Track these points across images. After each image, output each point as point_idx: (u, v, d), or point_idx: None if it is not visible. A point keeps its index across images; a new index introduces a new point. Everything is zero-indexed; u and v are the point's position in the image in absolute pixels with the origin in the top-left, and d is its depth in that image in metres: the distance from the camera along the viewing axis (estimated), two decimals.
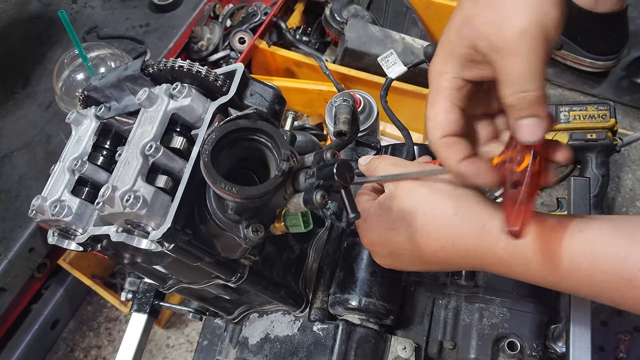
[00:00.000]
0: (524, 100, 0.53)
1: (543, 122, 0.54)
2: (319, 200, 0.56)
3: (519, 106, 0.53)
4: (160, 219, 0.60)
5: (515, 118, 0.54)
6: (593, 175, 1.42)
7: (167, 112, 0.65)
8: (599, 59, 1.67)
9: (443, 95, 0.61)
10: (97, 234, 0.67)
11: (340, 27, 1.74)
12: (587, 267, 0.58)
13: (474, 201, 0.66)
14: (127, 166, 0.62)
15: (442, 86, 0.61)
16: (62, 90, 1.45)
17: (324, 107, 1.43)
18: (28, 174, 1.58)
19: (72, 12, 1.92)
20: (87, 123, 0.75)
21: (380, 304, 0.80)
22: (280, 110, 0.69)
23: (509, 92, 0.53)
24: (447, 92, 0.61)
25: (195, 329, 1.65)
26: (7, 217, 1.51)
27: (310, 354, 0.80)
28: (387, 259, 0.73)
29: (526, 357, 0.81)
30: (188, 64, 0.66)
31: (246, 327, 0.92)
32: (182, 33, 1.78)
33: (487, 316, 0.84)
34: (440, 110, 0.61)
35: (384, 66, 1.19)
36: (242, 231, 0.63)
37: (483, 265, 0.66)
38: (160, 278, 0.84)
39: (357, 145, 1.02)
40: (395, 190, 0.69)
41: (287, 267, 0.84)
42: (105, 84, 0.72)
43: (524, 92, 0.52)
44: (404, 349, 0.80)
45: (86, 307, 1.76)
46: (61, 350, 1.71)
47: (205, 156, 0.57)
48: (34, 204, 0.69)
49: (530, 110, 0.53)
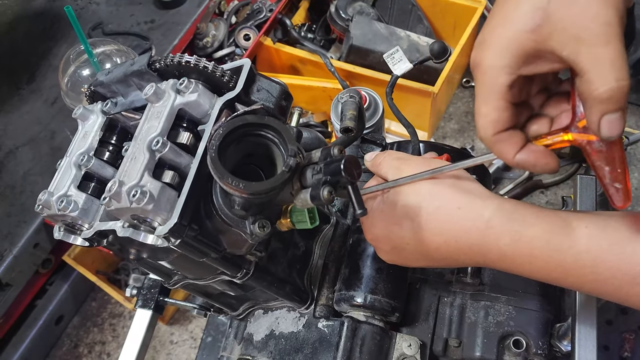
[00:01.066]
0: (618, 90, 0.50)
1: (625, 115, 0.52)
2: (326, 196, 0.55)
3: (612, 98, 0.51)
4: (166, 214, 0.60)
5: (602, 112, 0.52)
6: None
7: (173, 108, 0.65)
8: None
9: (498, 92, 0.58)
10: (103, 229, 0.67)
11: (345, 25, 1.74)
12: (592, 263, 0.58)
13: (478, 196, 0.66)
14: (134, 161, 0.62)
15: (498, 82, 0.58)
16: (67, 86, 1.45)
17: (328, 104, 1.43)
18: (33, 170, 1.58)
19: (77, 8, 1.93)
20: (94, 118, 0.75)
21: (385, 301, 0.80)
22: (287, 106, 0.69)
23: (601, 82, 0.51)
24: (503, 89, 0.58)
25: (199, 325, 1.65)
26: (12, 212, 1.51)
27: (315, 350, 0.80)
28: (390, 254, 0.73)
29: (532, 356, 0.81)
30: (195, 59, 0.66)
31: (251, 323, 0.92)
32: (187, 30, 1.78)
33: (492, 314, 0.84)
34: (494, 108, 0.59)
35: (390, 63, 1.19)
36: (249, 227, 0.63)
37: (487, 262, 0.66)
38: (165, 274, 0.84)
39: (363, 142, 1.01)
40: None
41: (292, 264, 0.84)
42: (111, 79, 0.72)
43: (618, 81, 0.50)
44: (409, 346, 0.80)
45: (90, 302, 1.76)
46: (65, 345, 1.71)
47: (213, 151, 0.57)
48: (41, 198, 0.69)
49: (620, 103, 0.51)
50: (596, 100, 0.51)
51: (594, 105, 0.52)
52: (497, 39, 0.57)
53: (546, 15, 0.54)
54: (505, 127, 0.59)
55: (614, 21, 0.51)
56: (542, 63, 0.57)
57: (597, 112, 0.52)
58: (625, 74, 0.50)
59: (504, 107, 0.58)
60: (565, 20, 0.53)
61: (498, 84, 0.58)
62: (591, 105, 0.52)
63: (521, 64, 0.57)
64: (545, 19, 0.54)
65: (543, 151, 0.59)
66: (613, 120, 0.51)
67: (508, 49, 0.56)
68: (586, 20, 0.51)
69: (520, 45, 0.56)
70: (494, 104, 0.58)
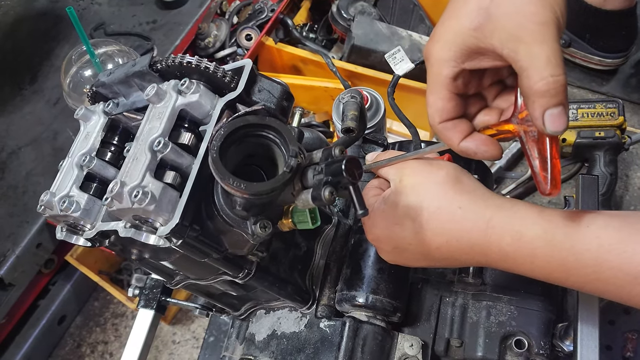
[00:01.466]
0: (554, 84, 0.53)
1: (567, 110, 0.55)
2: (327, 196, 0.56)
3: (549, 92, 0.53)
4: (168, 214, 0.60)
5: (544, 108, 0.54)
6: (601, 173, 1.42)
7: (175, 108, 0.65)
8: (608, 57, 1.66)
9: (443, 83, 0.62)
10: (105, 230, 0.67)
11: (347, 24, 1.73)
12: (594, 263, 0.58)
13: (479, 196, 0.66)
14: (136, 162, 0.62)
15: (443, 74, 0.62)
16: (69, 87, 1.46)
17: (330, 104, 1.43)
18: (35, 170, 1.58)
19: (79, 8, 1.93)
20: (96, 119, 0.75)
21: (387, 301, 0.80)
22: (288, 107, 0.69)
23: (538, 77, 0.53)
24: (447, 80, 0.62)
25: (201, 325, 1.65)
26: (14, 212, 1.51)
27: (317, 350, 0.80)
28: (391, 255, 0.73)
29: (534, 356, 0.81)
30: (196, 60, 0.66)
31: (253, 323, 0.92)
32: (188, 30, 1.78)
33: (494, 314, 0.84)
34: (439, 97, 0.63)
35: (392, 63, 1.19)
36: (250, 227, 0.63)
37: (489, 262, 0.66)
38: (167, 274, 0.84)
39: (364, 142, 1.02)
40: (400, 185, 0.70)
41: (293, 264, 0.84)
42: (113, 80, 0.72)
43: (553, 76, 0.53)
44: (410, 346, 0.80)
45: (93, 302, 1.76)
46: (68, 345, 1.71)
47: (214, 152, 0.57)
48: (43, 199, 0.69)
49: (558, 97, 0.53)
50: (536, 95, 0.54)
51: (535, 101, 0.54)
52: (444, 34, 0.61)
53: (487, 14, 0.57)
54: (450, 116, 0.64)
55: (550, 21, 0.54)
56: (485, 59, 0.60)
57: (539, 107, 0.54)
58: (561, 70, 0.53)
59: (449, 98, 0.63)
60: (505, 20, 0.56)
61: (443, 75, 0.62)
62: (533, 101, 0.54)
63: (465, 58, 0.61)
64: (487, 18, 0.57)
65: (485, 139, 0.63)
66: (555, 115, 0.54)
67: (453, 43, 0.60)
68: (523, 20, 0.55)
69: (463, 41, 0.60)
70: (439, 94, 0.63)
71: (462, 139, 0.64)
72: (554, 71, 0.53)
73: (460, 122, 0.64)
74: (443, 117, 0.64)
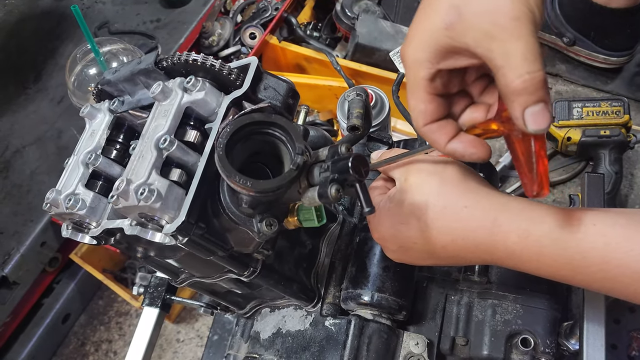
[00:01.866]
0: (532, 81, 0.51)
1: (549, 107, 0.52)
2: (333, 194, 0.55)
3: (527, 89, 0.51)
4: (174, 212, 0.60)
5: (523, 106, 0.52)
6: (606, 172, 1.41)
7: (181, 106, 0.65)
8: (613, 55, 1.66)
9: (420, 85, 0.60)
10: (110, 227, 0.67)
11: (351, 23, 1.73)
12: (600, 261, 0.58)
13: (485, 194, 0.66)
14: (142, 159, 0.62)
15: (419, 76, 0.60)
16: (74, 85, 1.46)
17: (334, 103, 1.42)
18: (40, 169, 1.58)
19: (83, 7, 1.93)
20: (101, 117, 0.75)
21: (392, 299, 0.79)
22: (294, 104, 0.69)
23: (514, 75, 0.51)
24: (424, 82, 0.60)
25: (205, 324, 1.65)
26: (19, 211, 1.52)
27: (322, 348, 0.80)
28: (397, 253, 0.73)
29: (539, 354, 0.81)
30: (202, 57, 0.66)
31: (258, 321, 0.92)
32: (192, 28, 1.78)
33: (500, 312, 0.83)
34: (420, 100, 0.61)
35: (396, 61, 1.18)
36: (256, 225, 0.63)
37: (494, 260, 0.66)
38: (172, 272, 0.84)
39: (369, 140, 1.01)
40: (406, 183, 0.69)
41: (299, 262, 0.84)
42: (118, 77, 0.72)
43: (530, 73, 0.51)
44: (416, 345, 0.80)
45: (97, 301, 1.77)
46: (72, 344, 1.72)
47: (220, 149, 0.57)
48: (49, 197, 0.70)
49: (537, 94, 0.51)
50: (513, 94, 0.52)
51: (513, 100, 0.52)
52: (417, 35, 0.59)
53: (459, 12, 0.55)
54: (433, 118, 0.62)
55: (523, 15, 0.52)
56: (460, 58, 0.58)
57: (518, 106, 0.52)
58: (539, 66, 0.51)
59: (429, 100, 0.61)
60: (477, 18, 0.54)
61: (419, 77, 0.60)
62: (512, 100, 0.53)
63: (439, 58, 0.59)
64: (459, 17, 0.55)
65: (473, 140, 0.61)
66: (536, 113, 0.52)
67: (427, 44, 0.58)
68: (495, 17, 0.52)
69: (436, 41, 0.58)
70: (418, 97, 0.61)
71: (449, 140, 0.62)
72: (531, 67, 0.51)
73: (446, 123, 0.63)
74: (427, 119, 0.62)
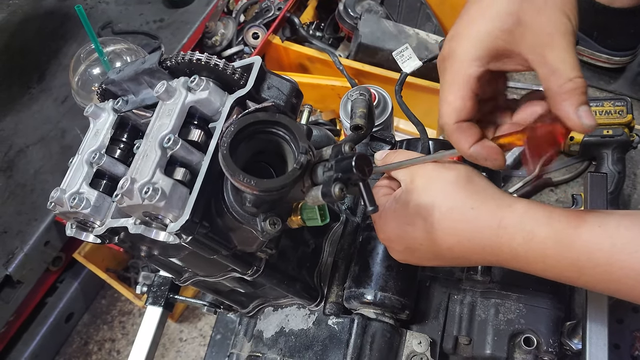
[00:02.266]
0: (582, 83, 0.56)
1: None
2: (337, 193, 0.56)
3: (579, 90, 0.56)
4: (178, 211, 0.60)
5: (576, 105, 0.56)
6: (609, 171, 1.41)
7: (185, 105, 0.66)
8: (616, 55, 1.65)
9: (465, 81, 0.62)
10: (115, 226, 0.68)
11: (353, 22, 1.73)
12: (606, 262, 0.58)
13: (491, 196, 0.66)
14: (146, 159, 0.63)
15: (467, 73, 0.62)
16: (78, 85, 1.46)
17: (337, 102, 1.42)
18: (43, 168, 1.59)
19: (87, 7, 1.93)
20: (105, 116, 0.76)
21: (395, 298, 0.80)
22: (298, 104, 0.69)
23: (568, 78, 0.56)
24: (471, 79, 0.62)
25: (208, 323, 1.65)
26: (22, 210, 1.52)
27: (326, 347, 0.80)
28: (403, 254, 0.73)
29: (542, 354, 0.81)
30: (206, 57, 0.66)
31: (261, 320, 0.92)
32: (196, 28, 1.78)
33: (503, 312, 0.83)
34: (459, 96, 0.63)
35: (399, 61, 1.19)
36: (260, 224, 0.63)
37: (500, 261, 0.66)
38: (176, 271, 0.84)
39: (372, 140, 1.01)
40: (412, 184, 0.69)
41: (302, 261, 0.84)
42: (123, 77, 0.72)
43: (579, 78, 0.56)
44: (419, 344, 0.80)
45: (100, 300, 1.77)
46: (75, 343, 1.72)
47: (224, 148, 0.57)
48: (53, 196, 0.70)
49: (585, 95, 0.57)
50: (567, 93, 0.56)
51: (566, 99, 0.56)
52: (471, 34, 0.62)
53: (517, 19, 0.59)
54: (467, 116, 0.64)
55: (571, 31, 0.58)
56: (509, 62, 0.62)
57: (571, 105, 0.56)
58: (581, 73, 0.57)
59: (469, 97, 0.63)
60: (535, 27, 0.59)
61: (467, 73, 0.62)
62: (564, 99, 0.56)
63: (490, 59, 0.62)
64: (517, 23, 0.59)
65: (495, 148, 0.64)
66: (587, 110, 0.56)
67: (482, 42, 0.61)
68: (552, 29, 0.58)
69: (492, 41, 0.61)
70: (460, 93, 0.63)
71: (473, 143, 0.63)
72: (579, 73, 0.57)
73: (473, 125, 0.64)
74: (461, 116, 0.63)
